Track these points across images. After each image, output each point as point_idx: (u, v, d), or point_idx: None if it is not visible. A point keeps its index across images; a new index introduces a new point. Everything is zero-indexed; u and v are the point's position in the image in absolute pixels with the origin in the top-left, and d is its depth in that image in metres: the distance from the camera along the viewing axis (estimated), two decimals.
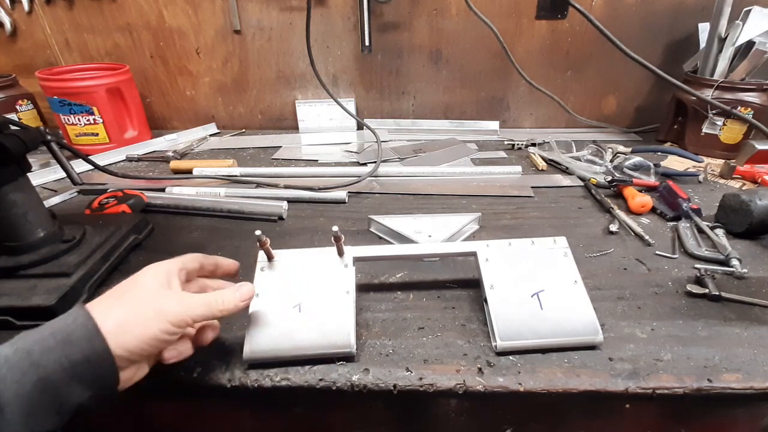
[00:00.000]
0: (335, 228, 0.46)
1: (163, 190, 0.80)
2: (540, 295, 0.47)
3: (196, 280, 0.45)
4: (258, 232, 0.45)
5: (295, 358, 0.43)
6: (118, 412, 0.48)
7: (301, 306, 0.45)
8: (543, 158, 0.95)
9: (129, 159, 0.98)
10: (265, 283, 0.47)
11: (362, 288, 0.54)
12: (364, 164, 0.93)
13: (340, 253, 0.49)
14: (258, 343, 0.43)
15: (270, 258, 0.48)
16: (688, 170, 0.88)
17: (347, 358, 0.44)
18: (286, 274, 0.47)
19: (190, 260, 0.43)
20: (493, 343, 0.45)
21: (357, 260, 0.49)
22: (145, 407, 0.48)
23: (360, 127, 1.12)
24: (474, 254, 0.51)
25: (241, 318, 0.45)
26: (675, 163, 0.92)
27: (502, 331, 0.45)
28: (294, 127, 1.17)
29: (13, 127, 0.52)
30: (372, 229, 0.68)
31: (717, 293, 0.52)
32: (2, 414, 0.27)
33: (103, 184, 0.83)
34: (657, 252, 0.62)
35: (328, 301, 0.46)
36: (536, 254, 0.50)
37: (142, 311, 0.35)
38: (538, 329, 0.45)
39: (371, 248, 0.52)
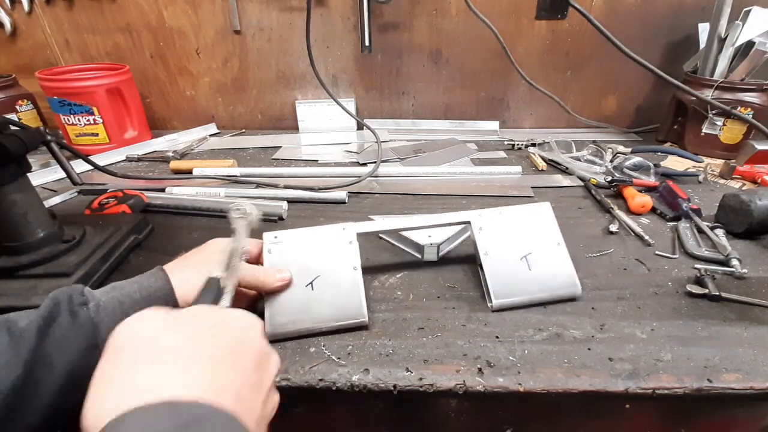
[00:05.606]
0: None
1: (163, 190, 0.80)
2: (528, 257, 0.52)
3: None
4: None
5: (313, 331, 0.46)
6: None
7: (314, 283, 0.48)
8: (543, 158, 0.95)
9: (129, 159, 0.98)
10: (275, 263, 0.49)
11: None
12: (364, 164, 0.93)
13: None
14: (278, 321, 0.46)
15: None
16: (688, 170, 0.88)
17: (362, 327, 0.47)
18: (293, 253, 0.50)
19: (254, 244, 0.49)
20: (489, 303, 0.51)
21: (360, 236, 0.52)
22: None
23: (360, 127, 1.12)
24: (468, 223, 0.54)
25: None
26: (675, 163, 0.93)
27: (496, 291, 0.50)
28: (294, 127, 1.17)
29: (13, 127, 0.52)
30: None
31: (717, 293, 0.51)
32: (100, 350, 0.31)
33: (103, 184, 0.83)
34: (657, 252, 0.62)
35: (338, 277, 0.49)
36: (524, 220, 0.55)
37: (201, 269, 0.39)
38: (526, 288, 0.51)
39: (371, 224, 0.55)
